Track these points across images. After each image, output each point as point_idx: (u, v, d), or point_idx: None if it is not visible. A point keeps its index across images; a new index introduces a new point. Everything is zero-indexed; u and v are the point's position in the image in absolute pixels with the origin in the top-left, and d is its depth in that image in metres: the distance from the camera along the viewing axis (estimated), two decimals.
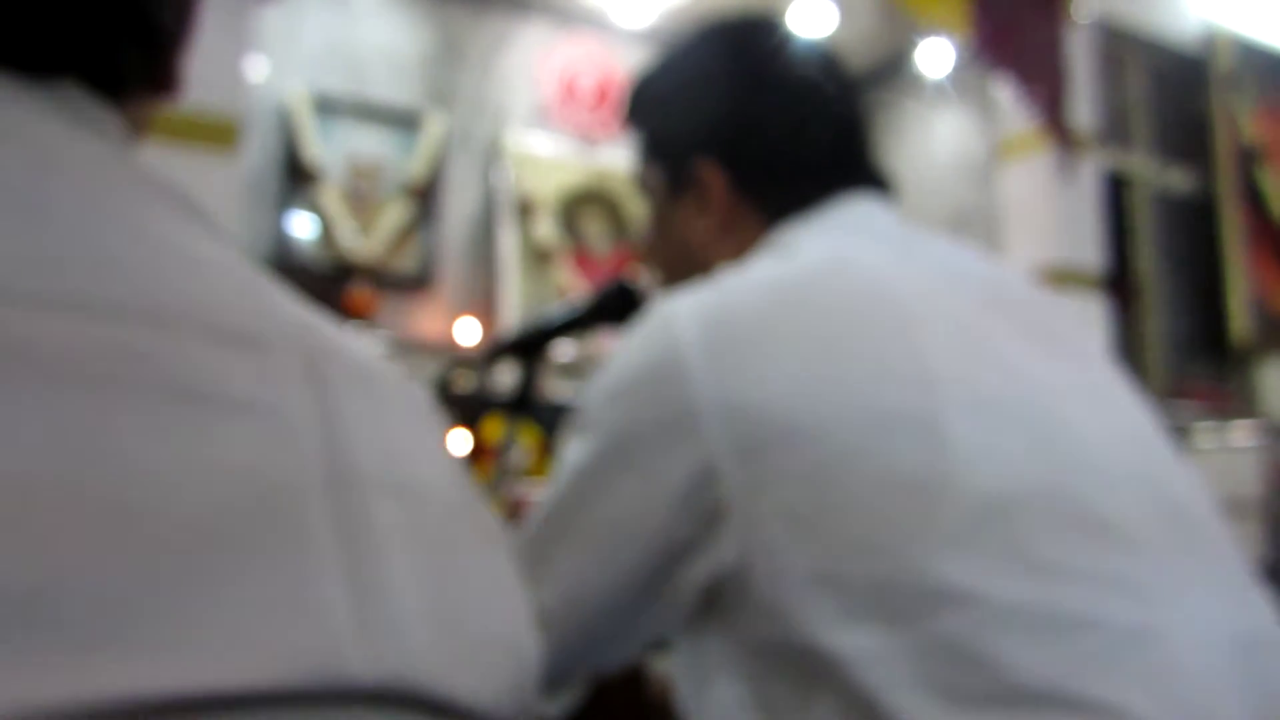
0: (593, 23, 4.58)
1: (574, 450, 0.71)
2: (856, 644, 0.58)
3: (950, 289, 0.72)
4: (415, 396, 0.39)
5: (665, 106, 0.90)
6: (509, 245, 4.22)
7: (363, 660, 0.30)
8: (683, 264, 0.86)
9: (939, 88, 4.81)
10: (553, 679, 0.71)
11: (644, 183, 0.91)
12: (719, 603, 0.65)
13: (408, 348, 3.85)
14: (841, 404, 0.63)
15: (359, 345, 0.38)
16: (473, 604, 0.36)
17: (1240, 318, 4.45)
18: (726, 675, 0.65)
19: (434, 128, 4.15)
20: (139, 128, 0.42)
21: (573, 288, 4.22)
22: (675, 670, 0.72)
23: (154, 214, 0.35)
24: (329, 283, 3.85)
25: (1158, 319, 4.32)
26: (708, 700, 0.67)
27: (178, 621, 0.27)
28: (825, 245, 0.76)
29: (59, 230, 0.31)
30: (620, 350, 0.71)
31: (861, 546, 0.60)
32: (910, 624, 0.58)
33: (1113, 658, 0.58)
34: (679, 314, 0.68)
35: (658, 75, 0.91)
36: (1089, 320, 3.50)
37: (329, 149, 3.97)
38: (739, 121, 0.84)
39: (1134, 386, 0.75)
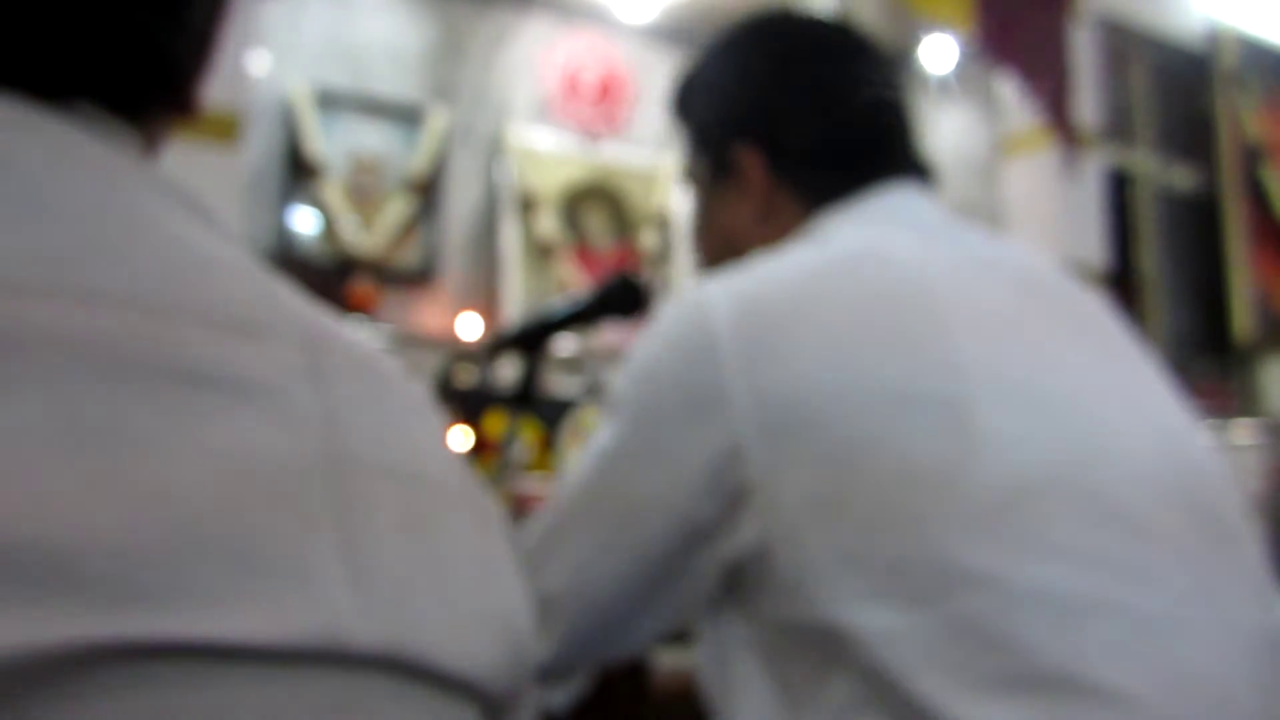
0: (595, 17, 4.58)
1: (601, 431, 0.71)
2: (877, 622, 0.59)
3: (983, 277, 0.72)
4: (412, 387, 0.40)
5: (707, 97, 0.91)
6: (511, 240, 4.22)
7: (358, 628, 0.31)
8: (724, 252, 0.87)
9: (943, 84, 4.81)
10: (565, 664, 0.71)
11: (691, 175, 0.92)
12: (740, 583, 0.66)
13: (410, 342, 3.85)
14: (868, 386, 0.63)
15: (358, 338, 0.39)
16: (467, 581, 0.37)
17: (1243, 316, 4.44)
18: (746, 656, 0.66)
19: (436, 122, 4.15)
20: (154, 144, 0.43)
21: (574, 282, 4.22)
22: (699, 653, 0.72)
23: (161, 212, 0.36)
24: (331, 277, 3.85)
25: (1160, 316, 4.31)
26: (729, 681, 0.67)
27: (181, 582, 0.28)
28: (859, 234, 0.76)
29: (69, 225, 0.32)
30: (651, 332, 0.72)
31: (884, 526, 0.60)
32: (930, 604, 0.59)
33: (1129, 645, 0.59)
34: (711, 297, 0.69)
35: (700, 68, 0.92)
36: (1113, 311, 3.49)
37: (331, 144, 3.97)
38: (776, 107, 0.85)
39: (1168, 381, 0.75)
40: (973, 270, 0.72)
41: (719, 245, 0.89)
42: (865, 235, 0.76)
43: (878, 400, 0.63)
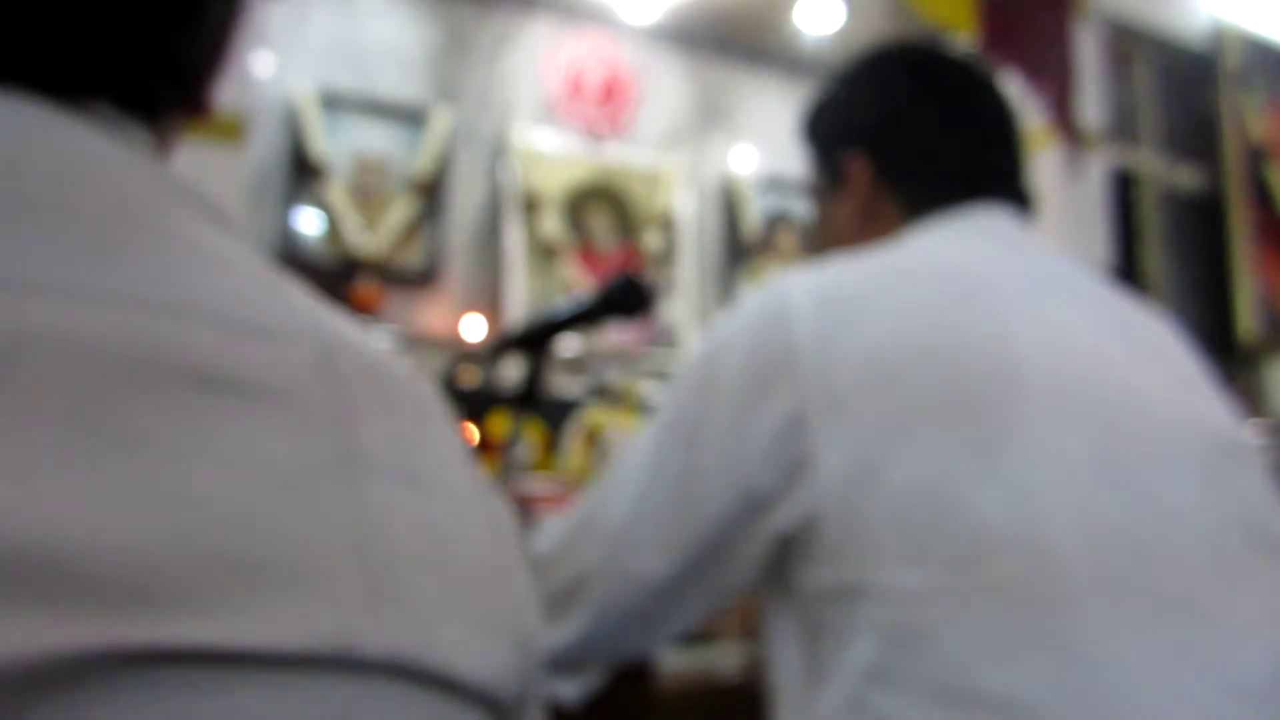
0: (599, 18, 4.58)
1: (666, 402, 0.75)
2: (910, 582, 0.61)
3: (1057, 298, 0.76)
4: (425, 391, 0.40)
5: (830, 116, 0.97)
6: (515, 241, 4.23)
7: (371, 634, 0.31)
8: (829, 251, 0.92)
9: None
10: (591, 648, 0.73)
11: (812, 190, 0.98)
12: (785, 557, 0.68)
13: (414, 343, 3.86)
14: (924, 356, 0.67)
15: (370, 341, 0.39)
16: (479, 586, 0.37)
17: (1247, 316, 4.44)
18: (784, 632, 0.69)
19: (440, 123, 4.16)
20: (166, 144, 0.44)
21: (578, 283, 4.23)
22: (760, 622, 0.75)
23: (175, 213, 0.36)
24: (335, 278, 3.85)
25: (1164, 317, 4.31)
26: (772, 657, 0.70)
27: (194, 588, 0.28)
28: (938, 241, 0.81)
29: (84, 227, 0.32)
30: (732, 312, 0.76)
31: (926, 491, 0.63)
32: (964, 567, 0.61)
33: (1154, 622, 0.60)
34: (792, 284, 0.73)
35: (827, 93, 0.98)
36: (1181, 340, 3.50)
37: (335, 145, 3.97)
38: (887, 121, 0.90)
39: (1222, 401, 0.78)
40: (1044, 286, 0.76)
41: (826, 246, 0.94)
42: (944, 243, 0.80)
43: (932, 369, 0.66)
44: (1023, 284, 0.74)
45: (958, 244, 0.79)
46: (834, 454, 0.65)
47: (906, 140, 0.89)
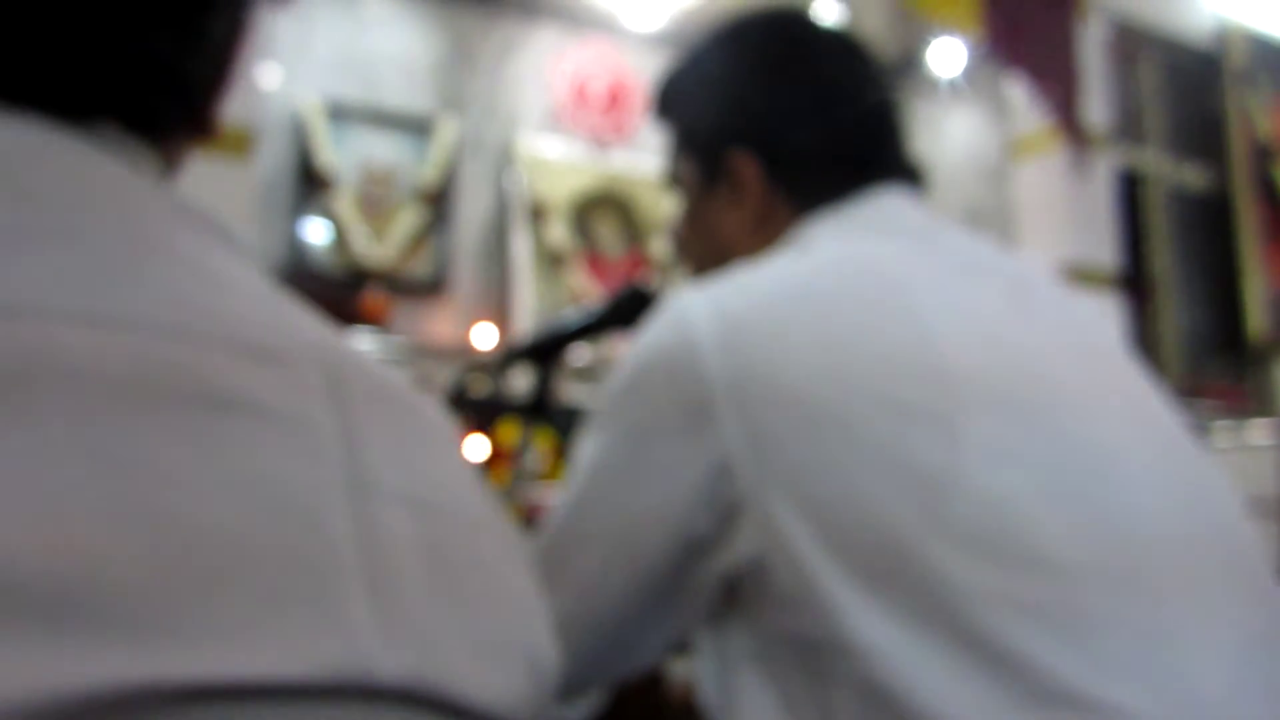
0: (603, 26, 4.59)
1: (589, 447, 0.70)
2: (875, 636, 0.58)
3: (968, 283, 0.71)
4: (432, 413, 0.40)
5: (698, 99, 0.88)
6: (522, 249, 4.23)
7: (383, 659, 0.31)
8: (716, 258, 0.85)
9: (951, 87, 4.80)
10: (575, 683, 0.71)
11: (676, 177, 0.90)
12: (740, 596, 0.65)
13: (422, 353, 3.86)
14: (856, 396, 0.62)
15: (378, 364, 0.39)
16: (489, 610, 0.36)
17: (1256, 315, 4.42)
18: (748, 668, 0.65)
19: (446, 133, 4.17)
20: (173, 164, 0.43)
21: (586, 291, 4.23)
22: (698, 665, 0.72)
23: (181, 235, 0.36)
24: (343, 289, 3.87)
25: (1173, 317, 4.30)
26: (731, 694, 0.67)
27: (205, 618, 0.28)
28: (842, 243, 0.75)
29: (91, 250, 0.32)
30: (635, 345, 0.71)
31: (877, 540, 0.60)
32: (929, 619, 0.58)
33: (1129, 660, 0.57)
34: (692, 308, 0.68)
35: (689, 68, 0.90)
36: (1108, 318, 3.49)
37: (342, 155, 3.99)
38: (773, 112, 0.83)
39: (1156, 384, 0.74)
40: (957, 276, 0.71)
41: (711, 252, 0.87)
42: (848, 245, 0.75)
43: (866, 410, 0.62)
44: (939, 281, 0.69)
45: (864, 245, 0.74)
46: (770, 503, 0.61)
47: (796, 133, 0.81)
